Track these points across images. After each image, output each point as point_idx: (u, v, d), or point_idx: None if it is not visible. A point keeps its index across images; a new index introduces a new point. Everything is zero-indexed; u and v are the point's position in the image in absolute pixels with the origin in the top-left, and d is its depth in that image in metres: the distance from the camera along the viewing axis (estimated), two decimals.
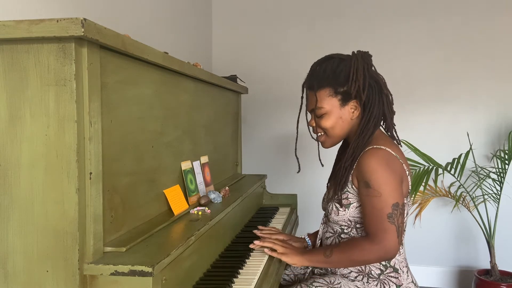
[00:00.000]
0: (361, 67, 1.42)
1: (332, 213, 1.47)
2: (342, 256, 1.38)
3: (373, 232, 1.34)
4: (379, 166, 1.34)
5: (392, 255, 1.35)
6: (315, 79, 1.48)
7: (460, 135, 3.01)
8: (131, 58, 1.13)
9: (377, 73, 1.50)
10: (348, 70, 1.43)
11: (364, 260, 1.37)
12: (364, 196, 1.36)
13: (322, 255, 1.40)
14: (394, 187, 1.34)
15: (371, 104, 1.44)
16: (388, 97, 1.48)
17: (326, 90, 1.46)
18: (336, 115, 1.46)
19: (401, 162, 1.41)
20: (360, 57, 1.45)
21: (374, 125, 1.44)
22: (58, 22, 0.87)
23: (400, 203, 1.34)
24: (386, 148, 1.39)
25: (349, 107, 1.46)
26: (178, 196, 1.42)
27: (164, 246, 1.09)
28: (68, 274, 0.93)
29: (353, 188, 1.42)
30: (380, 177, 1.33)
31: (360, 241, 1.37)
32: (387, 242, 1.32)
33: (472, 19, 2.98)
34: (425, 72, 3.05)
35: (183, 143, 1.53)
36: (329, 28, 3.16)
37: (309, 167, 3.25)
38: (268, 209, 2.22)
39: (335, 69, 1.45)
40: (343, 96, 1.45)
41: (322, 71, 1.48)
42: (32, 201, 0.94)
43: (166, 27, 2.45)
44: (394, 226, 1.32)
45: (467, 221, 3.05)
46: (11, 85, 0.93)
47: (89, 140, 0.94)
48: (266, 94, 3.26)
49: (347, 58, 1.47)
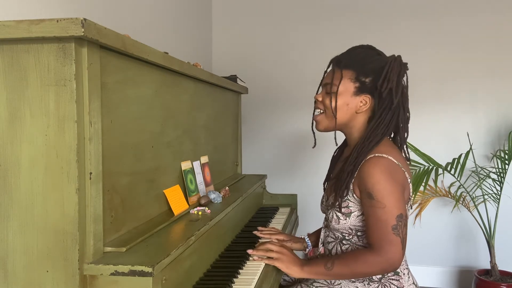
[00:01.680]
0: (396, 70, 1.39)
1: (333, 221, 1.43)
2: (344, 269, 1.33)
3: (378, 244, 1.30)
4: (382, 176, 1.31)
5: (395, 267, 1.31)
6: (346, 58, 1.44)
7: (460, 135, 3.01)
8: (131, 58, 1.13)
9: (407, 87, 1.46)
10: (380, 66, 1.40)
11: (367, 272, 1.33)
12: (367, 207, 1.32)
13: (323, 267, 1.35)
14: (398, 198, 1.31)
15: (386, 111, 1.40)
16: (405, 113, 1.44)
17: (349, 72, 1.42)
18: (345, 99, 1.42)
19: (403, 170, 1.37)
20: (399, 62, 1.41)
21: (382, 133, 1.39)
22: (58, 22, 0.87)
23: (404, 214, 1.31)
24: (388, 156, 1.34)
25: (361, 99, 1.42)
26: (178, 196, 1.42)
27: (164, 246, 1.08)
28: (68, 274, 0.93)
29: (354, 197, 1.38)
30: (384, 188, 1.30)
31: (363, 254, 1.33)
32: (392, 255, 1.28)
33: (472, 18, 2.98)
34: (425, 72, 3.05)
35: (183, 143, 1.53)
36: (329, 28, 3.16)
37: (309, 167, 3.26)
38: (268, 209, 2.22)
39: (368, 58, 1.43)
40: (361, 86, 1.41)
41: (356, 54, 1.45)
42: (32, 201, 0.93)
43: (166, 27, 2.45)
44: (399, 238, 1.29)
45: (467, 221, 3.05)
46: (11, 85, 0.93)
47: (89, 140, 0.94)
48: (266, 94, 3.26)
49: (385, 56, 1.44)
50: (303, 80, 3.16)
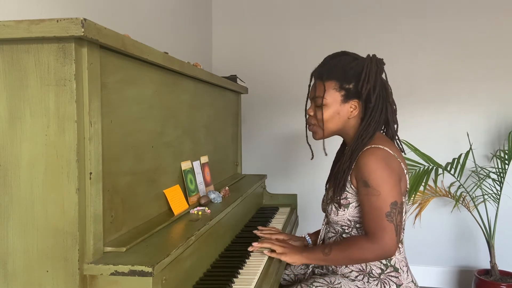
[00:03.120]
0: (374, 70, 1.44)
1: (332, 214, 1.48)
2: (340, 254, 1.39)
3: (372, 230, 1.35)
4: (378, 165, 1.35)
5: (390, 253, 1.35)
6: (325, 69, 1.49)
7: (460, 135, 3.01)
8: (131, 58, 1.13)
9: (387, 81, 1.51)
10: (360, 70, 1.44)
11: (362, 258, 1.38)
12: (363, 195, 1.37)
13: (321, 253, 1.42)
14: (393, 186, 1.35)
15: (374, 109, 1.45)
16: (392, 106, 1.50)
17: (332, 83, 1.46)
18: (335, 109, 1.47)
19: (399, 161, 1.42)
20: (375, 61, 1.46)
21: (373, 130, 1.45)
22: (58, 22, 0.87)
23: (399, 202, 1.35)
24: (384, 147, 1.40)
25: (349, 105, 1.47)
26: (178, 196, 1.42)
27: (164, 246, 1.09)
28: (68, 274, 0.93)
29: (352, 187, 1.43)
30: (379, 176, 1.34)
31: (358, 240, 1.38)
32: (386, 241, 1.33)
33: (472, 19, 2.98)
34: (425, 72, 3.05)
35: (183, 143, 1.53)
36: (329, 28, 3.16)
37: (309, 167, 3.26)
38: (268, 209, 2.22)
39: (346, 65, 1.47)
40: (347, 93, 1.46)
41: (333, 64, 1.49)
42: (32, 201, 0.93)
43: (166, 27, 2.45)
44: (392, 224, 1.33)
45: (467, 221, 3.05)
46: (11, 85, 0.93)
47: (89, 140, 0.94)
48: (266, 94, 3.26)
49: (361, 59, 1.48)
50: (303, 80, 3.14)
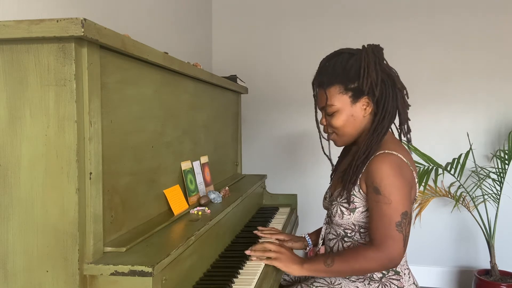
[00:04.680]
0: (372, 61, 1.37)
1: (337, 216, 1.42)
2: (344, 265, 1.32)
3: (380, 239, 1.29)
4: (390, 172, 1.30)
5: (395, 263, 1.30)
6: (325, 76, 1.42)
7: (460, 135, 3.01)
8: (131, 58, 1.13)
9: (389, 66, 1.43)
10: (359, 65, 1.37)
11: (367, 269, 1.32)
12: (373, 202, 1.31)
13: (323, 264, 1.34)
14: (404, 195, 1.30)
15: (385, 100, 1.38)
16: (401, 91, 1.41)
17: (336, 87, 1.40)
18: (348, 112, 1.41)
19: (411, 169, 1.37)
20: (371, 51, 1.39)
21: (389, 121, 1.39)
22: (58, 22, 0.87)
23: (409, 212, 1.30)
24: (397, 154, 1.34)
25: (361, 103, 1.40)
26: (178, 196, 1.42)
27: (164, 246, 1.08)
28: (68, 274, 0.93)
29: (361, 192, 1.37)
30: (391, 184, 1.29)
31: (363, 250, 1.32)
32: (393, 250, 1.28)
33: (472, 18, 2.98)
34: (425, 72, 3.05)
35: (183, 143, 1.53)
36: (329, 28, 3.16)
37: (309, 167, 3.26)
38: (268, 209, 2.22)
39: (345, 64, 1.39)
40: (354, 92, 1.39)
41: (331, 68, 1.41)
42: (32, 201, 0.93)
43: (166, 27, 2.45)
44: (402, 234, 1.28)
45: (467, 221, 3.05)
46: (11, 85, 0.93)
47: (89, 140, 0.94)
48: (266, 94, 3.26)
49: (357, 53, 1.41)
50: (303, 80, 3.16)
